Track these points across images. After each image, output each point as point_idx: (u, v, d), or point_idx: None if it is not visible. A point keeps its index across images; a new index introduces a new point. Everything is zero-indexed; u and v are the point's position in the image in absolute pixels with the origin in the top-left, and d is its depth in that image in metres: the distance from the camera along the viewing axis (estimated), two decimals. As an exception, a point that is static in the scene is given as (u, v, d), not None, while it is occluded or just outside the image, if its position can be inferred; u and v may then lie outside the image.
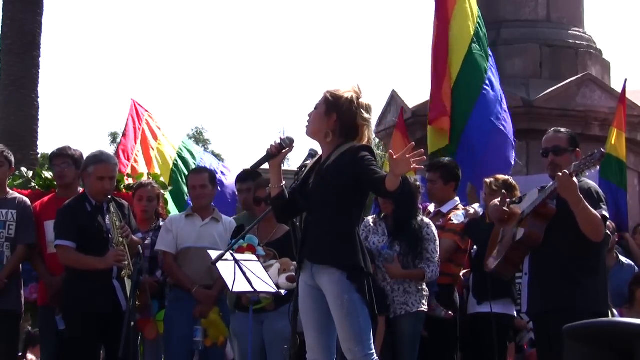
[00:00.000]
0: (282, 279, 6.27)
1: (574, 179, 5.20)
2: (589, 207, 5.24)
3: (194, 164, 9.09)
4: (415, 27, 65.02)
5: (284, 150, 5.12)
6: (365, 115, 5.06)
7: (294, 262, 6.27)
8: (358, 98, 5.06)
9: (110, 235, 6.46)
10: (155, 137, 9.13)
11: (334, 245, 4.97)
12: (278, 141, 5.11)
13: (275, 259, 6.49)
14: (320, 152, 5.19)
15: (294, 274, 6.24)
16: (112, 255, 6.36)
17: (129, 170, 8.39)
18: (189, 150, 9.40)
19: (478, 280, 6.92)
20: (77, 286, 6.39)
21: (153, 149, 8.98)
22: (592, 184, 5.55)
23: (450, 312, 6.98)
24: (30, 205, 6.87)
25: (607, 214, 5.37)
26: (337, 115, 5.03)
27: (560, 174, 5.21)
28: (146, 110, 9.19)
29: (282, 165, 5.16)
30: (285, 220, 5.85)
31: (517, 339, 7.29)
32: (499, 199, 5.76)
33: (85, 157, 6.83)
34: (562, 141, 5.67)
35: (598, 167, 5.35)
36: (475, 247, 7.07)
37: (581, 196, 5.21)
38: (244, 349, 6.41)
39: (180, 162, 9.12)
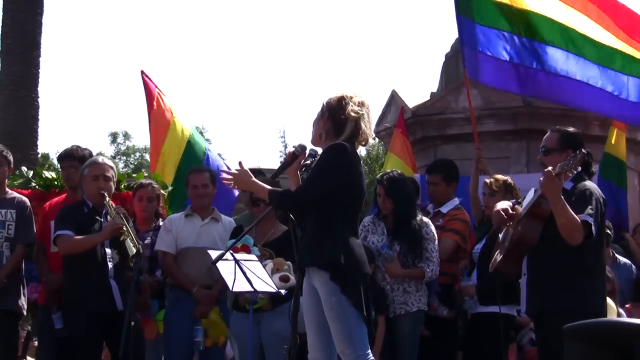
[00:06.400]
0: (275, 279, 6.25)
1: (569, 178, 5.20)
2: (569, 210, 5.17)
3: (202, 154, 8.85)
4: (415, 27, 65.11)
5: (297, 158, 5.23)
6: (356, 108, 5.07)
7: (288, 262, 6.29)
8: (351, 97, 5.10)
9: None
10: (170, 113, 8.87)
11: (314, 246, 5.00)
12: (292, 150, 5.25)
13: (272, 258, 6.48)
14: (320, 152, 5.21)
15: (287, 273, 6.26)
16: (109, 226, 6.36)
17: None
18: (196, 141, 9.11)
19: (483, 281, 6.89)
20: (77, 286, 6.39)
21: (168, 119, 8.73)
22: (592, 187, 5.47)
23: (452, 312, 6.99)
24: (30, 205, 6.87)
25: (589, 219, 5.22)
26: (329, 114, 5.11)
27: (545, 171, 5.22)
28: (156, 86, 8.92)
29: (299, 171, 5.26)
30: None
31: (517, 338, 7.28)
32: (506, 204, 5.75)
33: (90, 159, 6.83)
34: (551, 141, 5.65)
35: (596, 167, 5.31)
36: (476, 246, 7.05)
37: (562, 197, 5.17)
38: (242, 349, 6.40)
39: (191, 141, 8.86)
